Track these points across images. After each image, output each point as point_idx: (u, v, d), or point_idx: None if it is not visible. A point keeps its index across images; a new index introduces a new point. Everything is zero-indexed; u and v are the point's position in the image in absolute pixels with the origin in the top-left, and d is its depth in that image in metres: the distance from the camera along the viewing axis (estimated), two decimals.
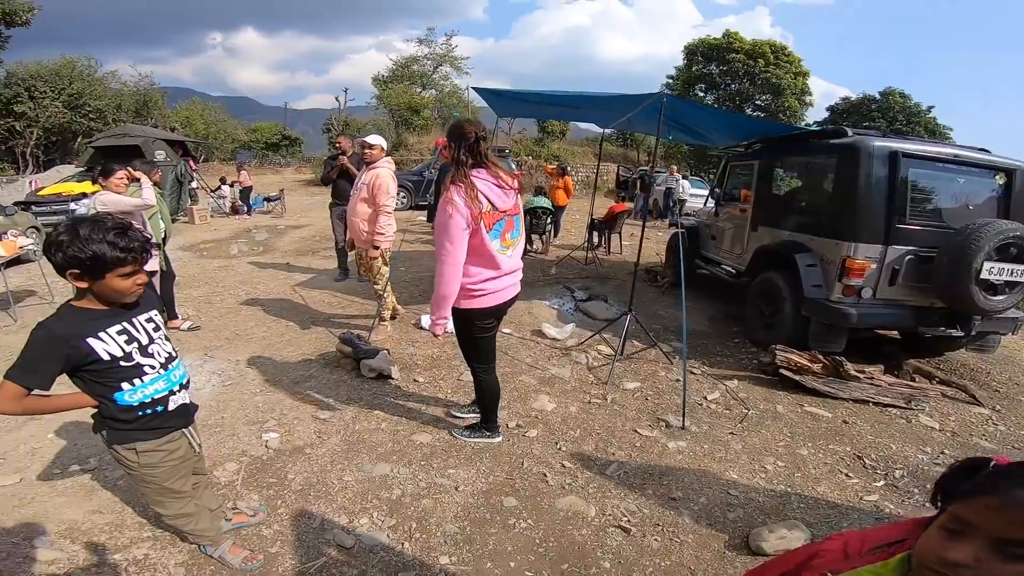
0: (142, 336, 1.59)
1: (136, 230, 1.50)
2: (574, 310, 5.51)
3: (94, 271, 1.44)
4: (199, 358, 4.12)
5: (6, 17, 17.86)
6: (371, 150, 4.22)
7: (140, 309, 1.62)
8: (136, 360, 1.54)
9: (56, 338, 1.45)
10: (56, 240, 1.41)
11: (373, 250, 4.19)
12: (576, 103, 4.75)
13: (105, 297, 1.51)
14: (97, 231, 1.41)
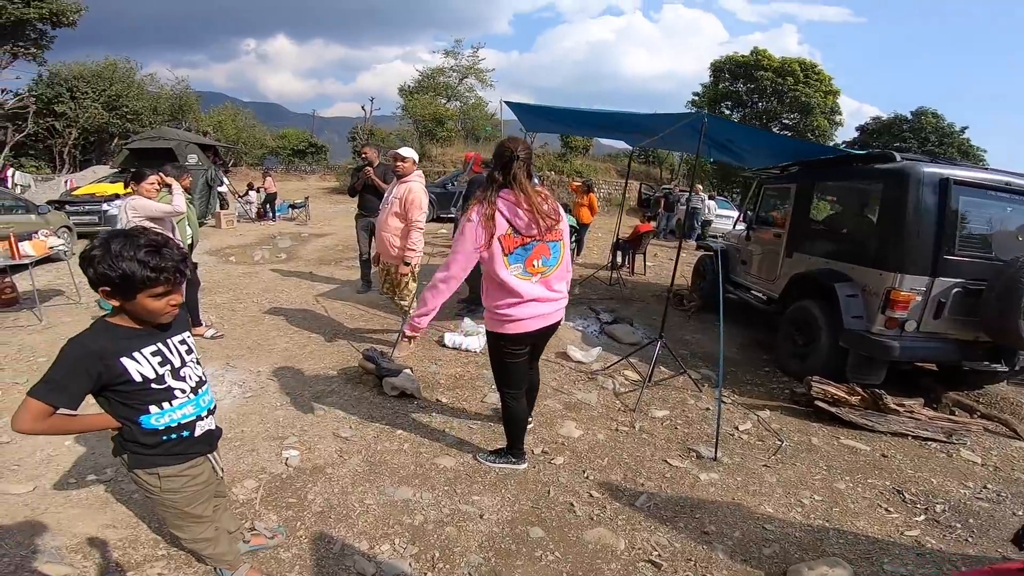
0: (175, 358, 1.52)
1: (172, 247, 1.43)
2: (599, 332, 5.38)
3: (124, 290, 1.37)
4: (220, 367, 4.08)
5: (53, 17, 18.48)
6: (403, 163, 4.16)
7: (174, 330, 1.56)
8: (168, 383, 1.47)
9: (90, 354, 1.38)
10: (88, 255, 1.35)
11: (404, 266, 4.12)
12: (610, 122, 4.66)
13: (138, 317, 1.45)
14: (129, 247, 1.34)
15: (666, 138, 5.04)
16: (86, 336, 1.42)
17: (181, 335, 1.59)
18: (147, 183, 3.85)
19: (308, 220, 12.78)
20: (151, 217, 3.78)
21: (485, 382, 4.04)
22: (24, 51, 18.66)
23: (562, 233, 2.55)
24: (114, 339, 1.42)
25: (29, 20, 17.89)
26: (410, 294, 4.31)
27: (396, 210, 4.12)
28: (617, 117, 4.52)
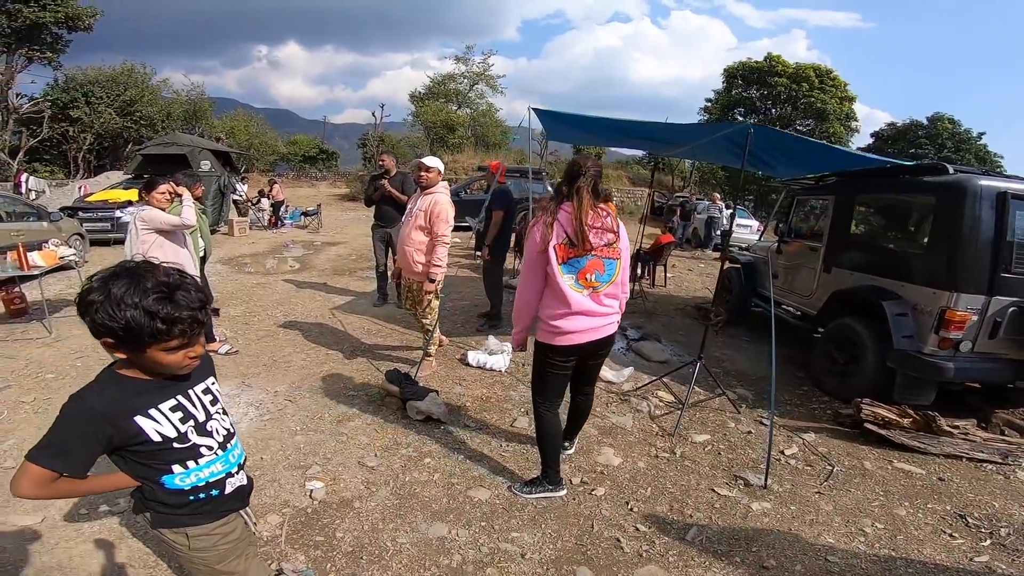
0: (199, 412, 1.30)
1: (189, 288, 1.16)
2: (626, 350, 5.17)
3: (131, 342, 1.12)
4: (236, 387, 3.92)
5: (68, 21, 18.55)
6: (427, 173, 3.94)
7: (196, 378, 1.33)
8: (192, 441, 1.25)
9: (96, 416, 1.14)
10: (85, 299, 1.10)
11: (429, 283, 3.91)
12: (644, 132, 4.48)
13: (150, 370, 1.22)
14: (134, 292, 1.08)
15: (698, 149, 4.85)
16: (90, 393, 1.17)
17: (204, 383, 1.36)
18: (158, 192, 3.69)
19: (320, 228, 12.67)
20: (161, 229, 3.63)
21: (514, 405, 3.85)
22: (40, 55, 18.72)
23: (621, 252, 2.55)
24: (125, 395, 1.19)
25: (45, 24, 17.96)
26: (433, 312, 4.09)
27: (420, 223, 3.90)
28: (654, 128, 4.33)
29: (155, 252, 3.50)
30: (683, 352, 5.30)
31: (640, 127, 4.34)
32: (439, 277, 3.95)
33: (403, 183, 5.65)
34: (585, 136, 5.38)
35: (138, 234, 3.44)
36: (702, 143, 4.48)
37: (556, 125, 4.63)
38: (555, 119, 4.40)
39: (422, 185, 3.98)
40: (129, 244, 3.52)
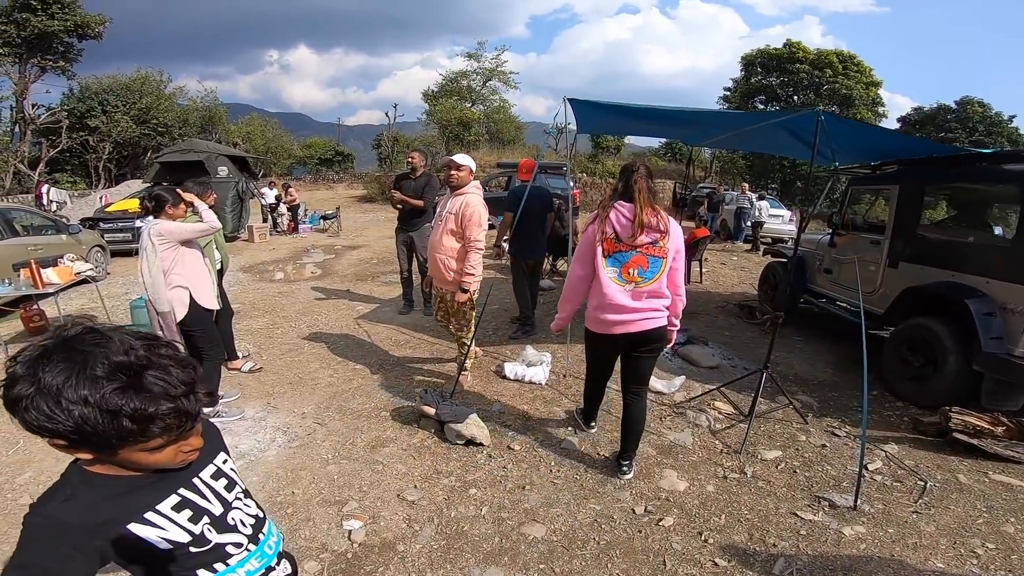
0: (213, 504, 0.96)
1: (164, 364, 0.81)
2: (671, 355, 4.82)
3: (91, 446, 0.80)
4: (261, 408, 3.67)
5: (78, 30, 18.61)
6: (458, 172, 3.62)
7: (201, 462, 0.98)
8: (213, 540, 0.93)
9: (71, 531, 0.81)
10: (9, 393, 0.76)
11: (461, 294, 3.61)
12: (694, 120, 4.12)
13: (133, 467, 0.87)
14: (78, 382, 0.74)
15: (746, 136, 4.47)
16: (54, 502, 0.83)
17: (213, 463, 1.01)
18: (170, 207, 3.32)
19: (340, 231, 12.48)
20: (184, 240, 3.35)
21: (559, 422, 3.54)
22: (53, 64, 18.81)
23: (667, 252, 2.61)
24: (105, 499, 0.85)
25: (55, 33, 18.01)
26: (468, 324, 3.79)
27: (451, 227, 3.59)
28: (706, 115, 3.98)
29: (179, 269, 3.25)
30: (733, 355, 4.94)
31: (692, 116, 3.99)
32: (473, 286, 3.64)
33: (426, 185, 5.34)
34: (622, 124, 5.02)
35: (156, 251, 3.15)
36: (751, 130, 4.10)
37: (591, 116, 4.27)
38: (593, 109, 4.06)
39: (452, 185, 3.66)
40: (146, 264, 3.16)
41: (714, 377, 4.42)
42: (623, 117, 4.29)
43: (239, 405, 3.72)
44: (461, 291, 3.58)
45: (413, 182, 5.38)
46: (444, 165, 3.73)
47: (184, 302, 3.25)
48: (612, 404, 3.76)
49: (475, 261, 3.56)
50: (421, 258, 5.44)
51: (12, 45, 17.38)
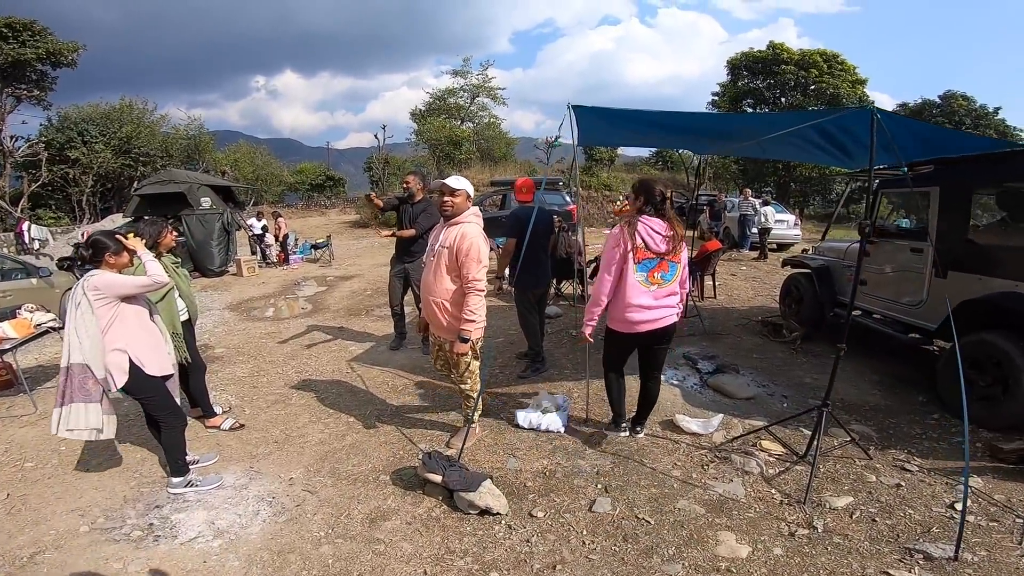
0: None
1: None
2: (701, 386, 4.35)
3: None
4: (243, 474, 3.19)
5: (51, 57, 18.18)
6: (453, 198, 3.09)
7: None
8: None
9: None
10: None
11: (460, 344, 3.04)
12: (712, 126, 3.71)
13: None
14: None
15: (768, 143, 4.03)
16: None
17: None
18: (111, 256, 2.75)
19: (332, 260, 12.01)
20: (124, 296, 2.77)
21: (586, 479, 3.06)
22: (27, 93, 18.34)
23: (681, 256, 3.11)
24: None
25: (27, 61, 17.56)
26: (473, 375, 3.27)
27: (446, 263, 3.04)
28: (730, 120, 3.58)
29: (117, 330, 2.73)
30: (766, 381, 4.48)
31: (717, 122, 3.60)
32: (475, 334, 3.09)
33: (423, 212, 4.84)
34: (627, 134, 4.61)
35: (92, 309, 2.64)
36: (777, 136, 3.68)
37: (594, 125, 3.83)
38: (598, 118, 3.64)
39: (447, 214, 3.14)
40: (79, 323, 2.60)
41: (752, 410, 3.96)
42: (632, 125, 3.87)
43: (217, 470, 3.24)
44: (460, 340, 3.04)
45: (411, 208, 4.90)
46: (436, 190, 3.24)
47: (123, 368, 2.75)
48: (644, 453, 3.31)
49: (476, 305, 3.03)
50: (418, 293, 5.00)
51: None
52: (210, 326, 6.64)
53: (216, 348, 5.64)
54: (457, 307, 3.06)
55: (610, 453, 3.35)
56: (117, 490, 3.05)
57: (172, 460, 3.01)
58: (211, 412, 3.74)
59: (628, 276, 2.95)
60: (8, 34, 16.82)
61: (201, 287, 9.66)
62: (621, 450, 3.39)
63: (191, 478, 3.04)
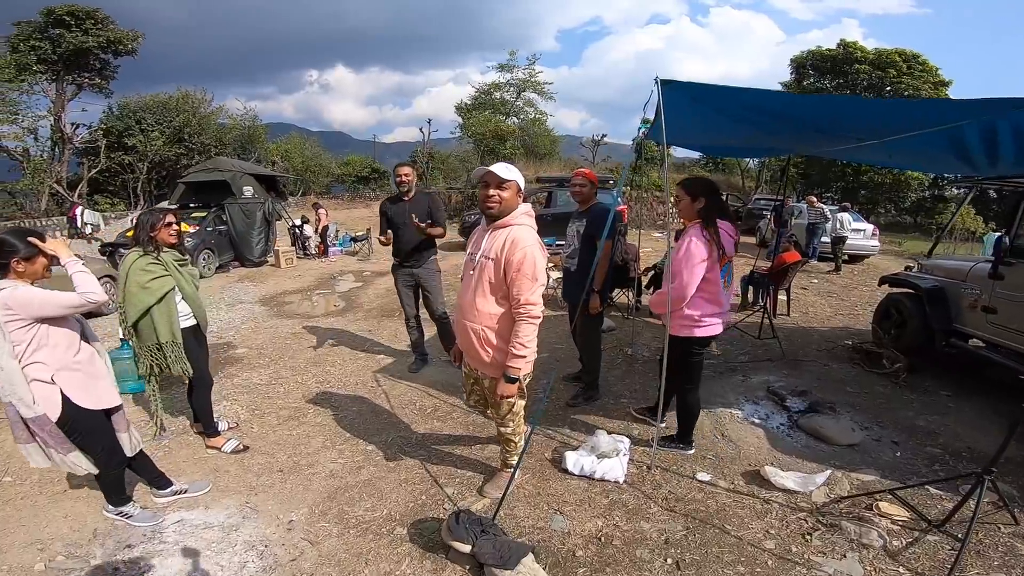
0: None
1: None
2: (789, 428, 3.59)
3: None
4: (236, 511, 2.69)
5: (112, 46, 18.54)
6: (500, 191, 2.36)
7: None
8: None
9: None
10: None
11: (507, 385, 2.35)
12: (840, 112, 2.91)
13: None
14: None
15: (903, 147, 3.21)
16: None
17: None
18: (19, 262, 2.14)
19: (371, 254, 11.65)
20: (44, 317, 2.17)
21: (652, 547, 2.41)
22: (89, 81, 18.78)
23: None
24: None
25: (89, 49, 17.84)
26: (516, 417, 2.65)
27: (490, 279, 2.36)
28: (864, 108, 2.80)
29: (41, 356, 2.17)
30: (869, 422, 3.70)
31: (833, 108, 2.83)
32: (524, 370, 2.37)
33: (431, 206, 4.12)
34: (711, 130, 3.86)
35: (4, 335, 2.06)
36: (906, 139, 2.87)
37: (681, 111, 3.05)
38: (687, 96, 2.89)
39: (491, 213, 2.38)
40: None
41: (858, 460, 3.22)
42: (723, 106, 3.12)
43: (207, 503, 2.75)
44: (507, 381, 2.34)
45: (408, 204, 4.08)
46: (478, 179, 2.47)
47: (54, 401, 2.21)
48: (727, 515, 2.61)
49: (527, 336, 2.29)
50: (435, 307, 4.30)
51: (48, 62, 17.38)
52: (238, 321, 6.28)
53: (238, 348, 5.24)
54: (503, 338, 2.36)
55: (682, 513, 2.69)
56: (89, 521, 2.60)
57: (107, 494, 2.59)
58: (213, 430, 3.27)
59: (717, 283, 2.84)
60: (71, 22, 17.21)
61: (238, 278, 9.46)
62: (696, 510, 2.72)
63: (126, 509, 2.58)
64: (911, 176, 24.23)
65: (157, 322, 2.87)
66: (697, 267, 2.78)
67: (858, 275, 10.21)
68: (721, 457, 3.23)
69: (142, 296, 2.82)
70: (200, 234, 9.61)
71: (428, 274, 4.24)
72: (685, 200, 2.92)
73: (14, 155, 15.69)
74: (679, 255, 2.82)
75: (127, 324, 2.91)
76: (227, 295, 7.90)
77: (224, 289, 8.39)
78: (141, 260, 2.84)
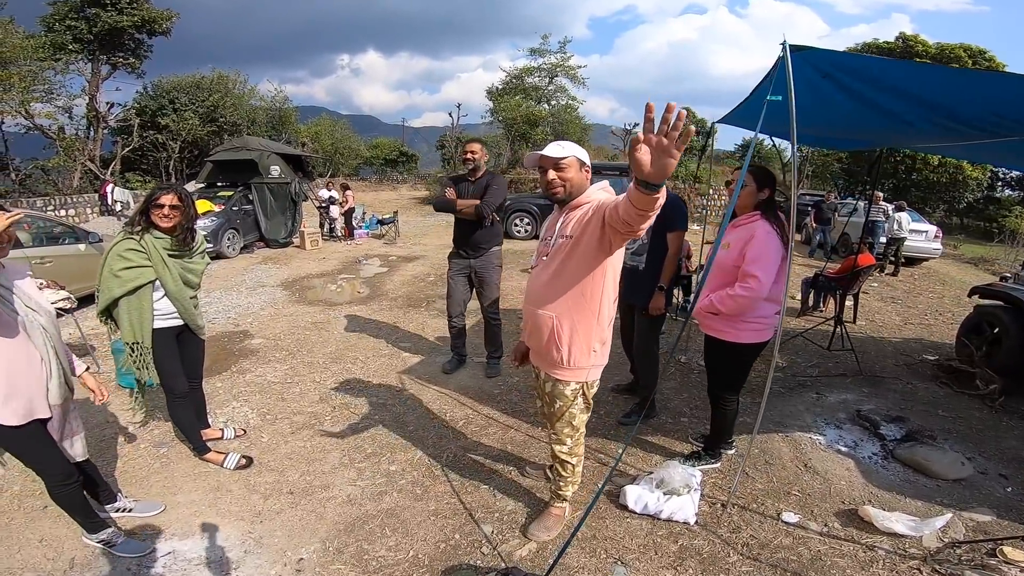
0: None
1: None
2: (883, 459, 3.05)
3: None
4: (238, 541, 2.30)
5: (146, 25, 18.44)
6: (560, 172, 1.97)
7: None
8: None
9: None
10: None
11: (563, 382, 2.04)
12: None
13: None
14: None
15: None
16: None
17: None
18: None
19: (397, 238, 11.27)
20: None
21: None
22: (123, 61, 18.68)
23: None
24: None
25: (124, 28, 17.71)
26: (575, 434, 2.20)
27: (569, 259, 1.97)
28: None
29: None
30: (973, 452, 3.14)
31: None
32: (591, 375, 2.08)
33: (488, 186, 3.64)
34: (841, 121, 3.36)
35: None
36: None
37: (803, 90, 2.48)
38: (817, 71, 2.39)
39: (559, 197, 2.02)
40: None
41: (966, 497, 2.71)
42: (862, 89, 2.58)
43: (206, 532, 2.35)
44: (575, 391, 2.01)
45: (472, 184, 3.70)
46: (532, 166, 2.09)
47: None
48: (824, 565, 2.12)
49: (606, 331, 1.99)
50: (487, 301, 3.86)
51: (83, 42, 17.33)
52: (257, 307, 5.93)
53: (255, 338, 4.87)
54: (580, 334, 1.99)
55: (769, 563, 2.21)
56: (67, 548, 2.22)
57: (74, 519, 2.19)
58: (201, 448, 2.83)
59: (782, 279, 2.46)
60: (107, 1, 17.18)
61: (262, 259, 9.18)
62: (786, 559, 2.24)
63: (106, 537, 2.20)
64: (969, 175, 22.83)
65: (121, 317, 2.44)
66: (774, 263, 2.45)
67: (919, 279, 9.42)
68: (808, 493, 2.72)
69: (111, 283, 2.39)
70: (225, 213, 9.37)
71: (487, 267, 3.78)
72: (750, 188, 2.57)
73: (48, 133, 15.73)
74: (754, 250, 2.44)
75: (97, 311, 2.51)
76: (249, 277, 7.60)
77: (247, 271, 8.10)
78: (122, 244, 2.41)
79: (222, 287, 6.95)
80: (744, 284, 2.43)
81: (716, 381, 2.79)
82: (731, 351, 2.62)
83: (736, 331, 2.56)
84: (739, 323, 2.53)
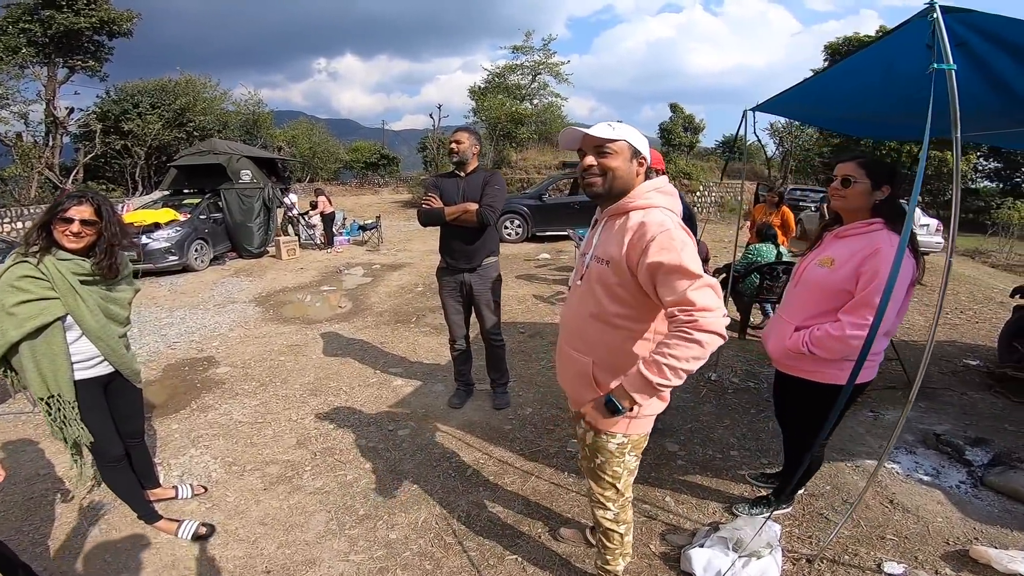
0: None
1: None
2: (972, 486, 2.59)
3: None
4: None
5: (105, 27, 17.48)
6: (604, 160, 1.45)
7: None
8: None
9: None
10: None
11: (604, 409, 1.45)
12: None
13: None
14: None
15: None
16: None
17: None
18: None
19: (380, 244, 10.64)
20: None
21: None
22: (82, 64, 17.70)
23: None
24: None
25: (81, 30, 16.71)
26: (619, 492, 1.68)
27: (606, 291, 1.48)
28: None
29: None
30: None
31: None
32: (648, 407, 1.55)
33: (485, 185, 3.01)
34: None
35: None
36: None
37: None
38: (975, 40, 1.89)
39: (595, 192, 1.51)
40: None
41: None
42: None
43: None
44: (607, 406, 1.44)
45: (462, 181, 3.06)
46: (571, 145, 1.54)
47: None
48: None
49: (686, 355, 1.30)
50: (487, 325, 3.25)
51: (38, 44, 16.32)
52: (225, 328, 5.29)
53: (220, 366, 4.25)
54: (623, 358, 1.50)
55: None
56: None
57: None
58: (148, 515, 2.25)
59: (906, 307, 2.01)
60: (62, 3, 16.16)
61: (234, 271, 8.49)
62: None
63: None
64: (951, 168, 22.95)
65: (26, 367, 1.83)
66: (904, 290, 1.89)
67: (927, 275, 9.09)
68: (905, 536, 2.25)
69: (3, 324, 1.78)
70: (192, 222, 8.66)
71: (482, 283, 3.15)
72: (862, 186, 1.94)
73: (5, 140, 14.77)
74: (879, 272, 1.78)
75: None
76: (218, 292, 6.93)
77: (216, 285, 7.42)
78: (13, 270, 1.81)
79: (187, 304, 6.27)
80: (860, 320, 1.81)
81: (806, 428, 2.12)
82: (831, 395, 1.93)
83: (840, 371, 1.93)
84: (843, 361, 1.91)
